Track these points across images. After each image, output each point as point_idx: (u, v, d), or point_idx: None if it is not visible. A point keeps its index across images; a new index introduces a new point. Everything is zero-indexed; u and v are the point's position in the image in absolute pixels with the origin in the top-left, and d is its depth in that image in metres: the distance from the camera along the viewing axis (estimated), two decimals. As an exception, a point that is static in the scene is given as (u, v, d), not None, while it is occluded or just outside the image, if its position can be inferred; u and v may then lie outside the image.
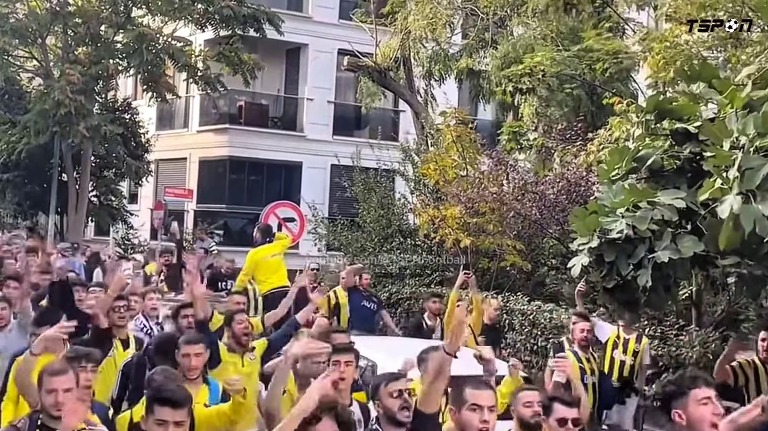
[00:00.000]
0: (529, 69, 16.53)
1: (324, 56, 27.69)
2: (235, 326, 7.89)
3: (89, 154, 24.53)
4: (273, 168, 27.75)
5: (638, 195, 6.95)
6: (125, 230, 27.38)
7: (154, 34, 22.61)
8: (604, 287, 7.20)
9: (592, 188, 14.54)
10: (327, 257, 20.91)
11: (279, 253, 12.71)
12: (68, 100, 21.03)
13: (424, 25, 20.25)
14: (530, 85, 16.51)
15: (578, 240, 7.18)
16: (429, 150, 18.68)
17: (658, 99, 7.64)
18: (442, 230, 15.66)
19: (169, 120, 29.97)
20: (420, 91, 23.37)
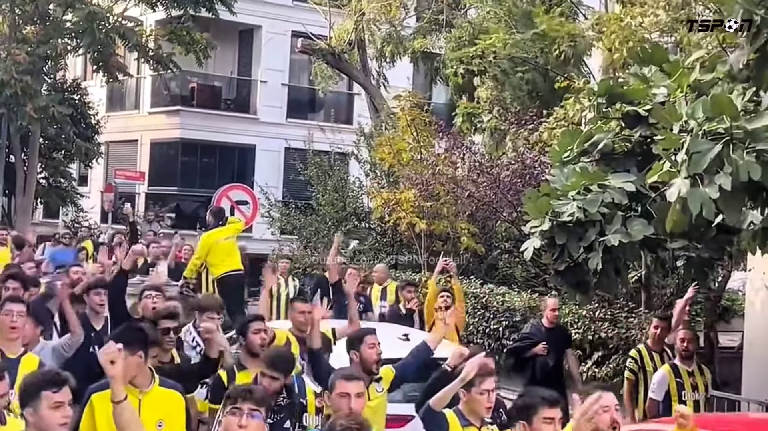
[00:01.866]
0: (481, 51, 16.55)
1: (278, 38, 27.45)
2: (366, 349, 6.51)
3: (37, 135, 24.12)
4: (226, 151, 27.52)
5: (589, 178, 6.99)
6: (75, 212, 26.98)
7: (104, 13, 22.25)
8: (555, 270, 7.25)
9: (546, 171, 14.63)
10: (281, 241, 20.83)
11: (232, 236, 12.61)
12: (14, 80, 20.67)
13: (378, 7, 20.19)
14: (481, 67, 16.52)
15: (531, 223, 7.21)
16: (383, 133, 18.65)
17: (609, 83, 7.69)
18: (396, 214, 15.67)
19: (119, 101, 29.54)
20: (374, 73, 23.30)
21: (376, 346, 6.46)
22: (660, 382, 8.11)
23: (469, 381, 5.59)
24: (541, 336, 10.01)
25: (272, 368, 6.02)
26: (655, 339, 8.77)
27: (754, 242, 6.62)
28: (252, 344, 6.73)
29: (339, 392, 5.37)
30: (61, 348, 7.26)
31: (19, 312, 6.36)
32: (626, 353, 11.42)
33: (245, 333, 6.79)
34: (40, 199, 26.29)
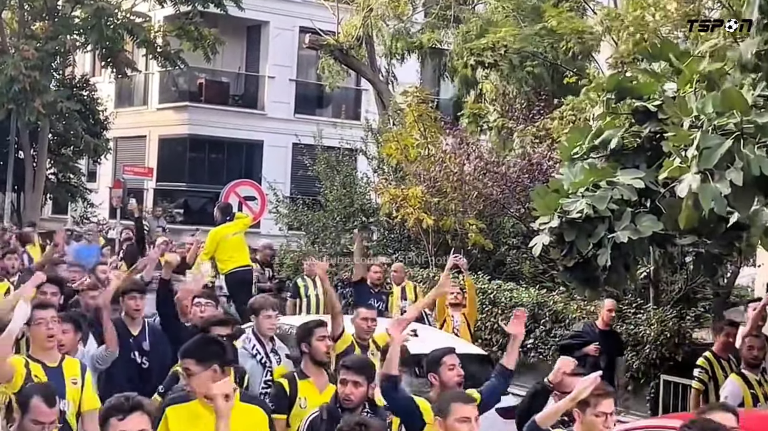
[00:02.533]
0: (492, 44, 16.49)
1: (285, 34, 27.46)
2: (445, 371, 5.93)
3: (46, 131, 24.17)
4: (234, 147, 27.54)
5: (598, 175, 6.99)
6: (84, 208, 27.05)
7: (112, 9, 22.27)
8: (564, 266, 7.24)
9: (555, 167, 14.61)
10: (288, 237, 20.83)
11: (240, 232, 12.61)
12: (22, 76, 20.70)
13: (386, 3, 20.16)
14: (492, 59, 16.46)
15: (539, 220, 7.21)
16: (391, 129, 18.62)
17: (618, 78, 7.68)
18: (404, 210, 15.65)
19: (128, 97, 29.59)
20: (382, 69, 23.28)
21: (456, 367, 5.93)
22: (734, 393, 7.55)
23: (583, 401, 5.15)
24: (594, 337, 9.68)
25: (358, 372, 5.45)
26: (725, 346, 8.46)
27: (767, 238, 6.59)
28: (317, 352, 6.24)
29: (459, 417, 4.96)
30: (95, 361, 7.00)
31: (52, 318, 6.00)
32: (635, 349, 11.44)
33: (309, 341, 6.25)
34: (48, 195, 26.35)
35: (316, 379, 6.15)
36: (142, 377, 7.36)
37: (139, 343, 7.56)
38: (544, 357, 12.57)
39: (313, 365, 6.21)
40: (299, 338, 6.40)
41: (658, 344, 11.34)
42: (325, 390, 6.02)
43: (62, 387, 5.64)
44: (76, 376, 5.90)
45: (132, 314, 7.70)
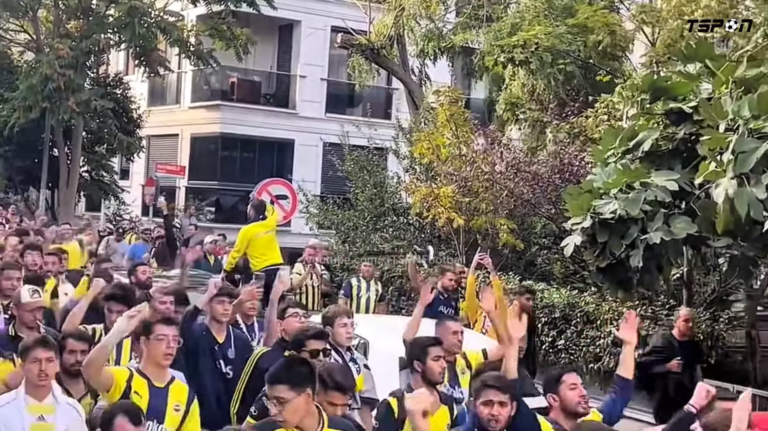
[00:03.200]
0: (523, 41, 16.41)
1: (317, 33, 27.54)
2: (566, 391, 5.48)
3: (80, 129, 24.41)
4: (265, 145, 27.66)
5: (631, 176, 6.97)
6: (117, 205, 27.30)
7: (146, 7, 22.45)
8: (597, 267, 7.22)
9: (586, 167, 14.55)
10: (319, 236, 20.89)
11: (271, 230, 12.66)
12: (56, 74, 20.89)
13: (418, 2, 20.15)
14: (523, 57, 16.37)
15: (572, 220, 7.20)
16: (422, 129, 18.62)
17: (652, 78, 7.65)
18: (435, 209, 15.64)
19: (160, 96, 29.81)
20: (413, 69, 23.28)
21: (579, 386, 5.48)
22: None
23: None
24: (673, 349, 9.10)
25: (504, 391, 5.00)
26: None
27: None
28: (432, 372, 5.83)
29: None
30: None
31: (174, 337, 5.49)
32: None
33: (423, 360, 5.82)
34: (82, 192, 26.62)
35: None
36: (228, 389, 6.75)
37: (225, 351, 7.02)
38: (575, 358, 12.52)
39: (425, 385, 5.71)
40: (412, 355, 5.96)
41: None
42: (438, 412, 5.57)
43: (163, 410, 5.31)
44: (181, 402, 5.43)
45: (220, 319, 7.11)
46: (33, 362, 5.24)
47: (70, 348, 5.97)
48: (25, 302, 6.64)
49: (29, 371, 5.26)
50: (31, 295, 6.69)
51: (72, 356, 5.95)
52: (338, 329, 6.72)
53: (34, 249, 9.77)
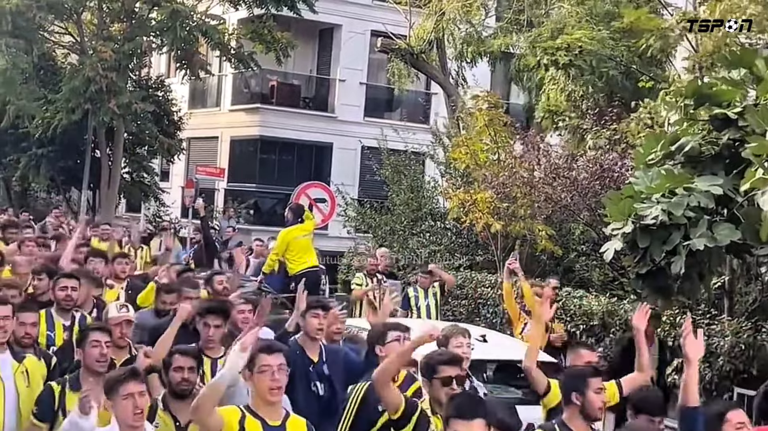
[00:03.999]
0: (567, 44, 16.29)
1: (357, 37, 27.59)
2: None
3: (122, 131, 24.64)
4: (304, 149, 27.76)
5: (674, 181, 6.88)
6: (157, 207, 27.54)
7: (188, 11, 22.62)
8: (637, 273, 7.14)
9: (626, 174, 14.42)
10: (356, 240, 20.93)
11: (309, 233, 12.72)
12: (99, 76, 21.10)
13: (459, 7, 20.12)
14: (567, 59, 16.22)
15: (612, 225, 7.12)
16: (460, 133, 18.59)
17: (697, 84, 7.55)
18: (473, 214, 15.60)
19: (201, 98, 30.06)
20: (452, 73, 23.24)
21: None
22: None
23: None
24: None
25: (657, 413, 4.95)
26: None
27: None
28: (592, 406, 5.33)
29: None
30: None
31: (280, 367, 4.81)
32: (708, 360, 11.20)
33: (583, 391, 5.32)
34: (123, 193, 26.87)
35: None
36: (321, 409, 6.26)
37: (320, 370, 6.45)
38: (614, 365, 12.39)
39: (582, 420, 5.29)
40: (570, 386, 5.42)
41: (732, 356, 11.09)
42: None
43: None
44: None
45: (314, 335, 6.50)
46: (125, 398, 4.69)
47: (176, 365, 5.46)
48: (112, 317, 6.36)
49: (123, 409, 4.68)
50: (119, 310, 6.46)
51: (179, 373, 5.46)
52: (454, 350, 5.99)
53: (96, 256, 9.36)
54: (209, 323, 6.46)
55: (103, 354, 5.58)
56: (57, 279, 7.47)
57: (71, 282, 7.44)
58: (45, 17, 22.60)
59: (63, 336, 7.16)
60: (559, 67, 16.27)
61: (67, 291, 7.34)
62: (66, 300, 7.33)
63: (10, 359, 5.85)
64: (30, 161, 25.08)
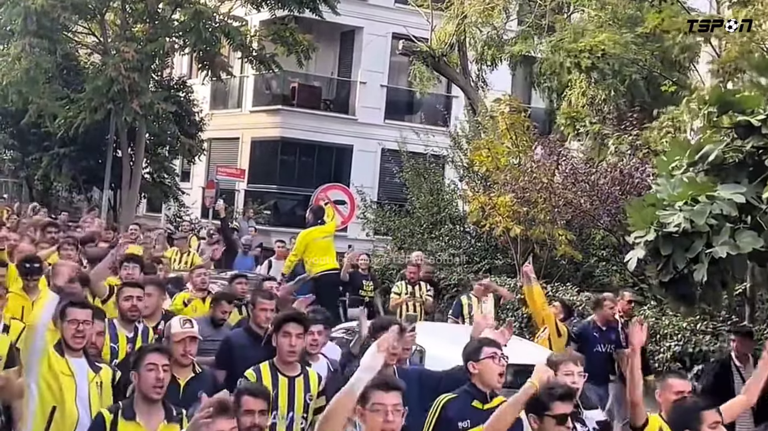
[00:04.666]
0: (590, 47, 16.20)
1: (378, 40, 27.63)
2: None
3: (143, 131, 24.79)
4: (324, 151, 27.82)
5: (697, 189, 6.85)
6: (177, 207, 27.67)
7: (210, 12, 22.73)
8: (659, 281, 7.12)
9: (647, 180, 14.37)
10: (374, 242, 20.96)
11: (329, 235, 12.76)
12: (122, 77, 21.23)
13: (480, 10, 20.11)
14: (590, 62, 16.12)
15: (634, 233, 7.10)
16: (481, 137, 18.58)
17: (721, 91, 7.53)
18: (492, 218, 15.59)
19: (222, 100, 30.19)
20: (473, 76, 23.23)
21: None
22: None
23: None
24: None
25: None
26: None
27: None
28: None
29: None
30: None
31: (395, 407, 4.43)
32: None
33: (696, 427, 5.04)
34: (143, 193, 27.01)
35: None
36: None
37: None
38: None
39: None
40: (682, 422, 5.17)
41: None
42: None
43: None
44: None
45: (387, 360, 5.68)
46: None
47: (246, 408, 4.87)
48: (175, 333, 5.90)
49: None
50: (182, 325, 5.96)
51: (249, 417, 4.83)
52: (562, 378, 5.43)
53: (131, 261, 8.58)
54: (290, 332, 5.88)
55: (160, 379, 4.99)
56: (121, 288, 7.11)
57: (136, 291, 7.03)
58: (69, 17, 22.75)
59: (126, 348, 6.79)
60: (581, 69, 16.18)
61: (132, 301, 6.94)
62: (131, 311, 6.93)
63: (86, 366, 5.61)
64: (52, 160, 25.28)
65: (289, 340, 5.82)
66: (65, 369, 5.50)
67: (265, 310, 7.08)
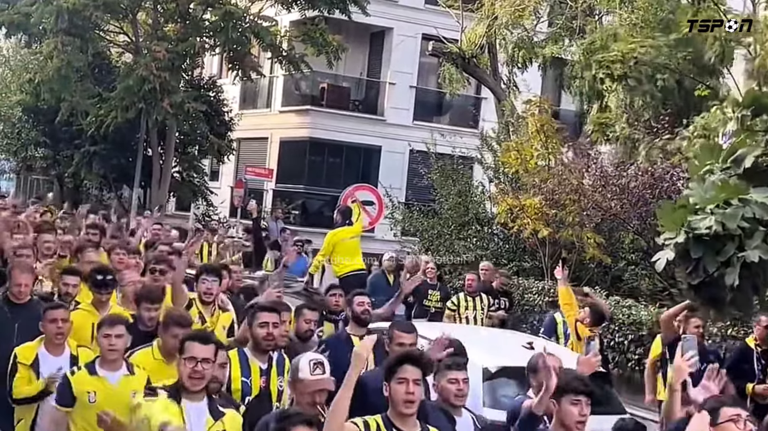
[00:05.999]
0: (621, 55, 16.07)
1: (408, 41, 27.63)
2: None
3: (174, 130, 24.95)
4: (352, 151, 27.84)
5: (729, 192, 6.77)
6: (206, 206, 27.81)
7: (240, 12, 22.84)
8: (689, 284, 7.03)
9: (677, 184, 14.23)
10: (402, 243, 20.92)
11: (356, 236, 12.76)
12: (153, 76, 21.37)
13: (511, 12, 20.02)
14: (621, 71, 15.98)
15: (664, 235, 7.01)
16: (510, 138, 18.50)
17: (755, 94, 7.43)
18: (521, 220, 15.52)
19: (252, 100, 30.31)
20: (503, 78, 23.15)
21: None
22: None
23: None
24: None
25: None
26: None
27: None
28: None
29: None
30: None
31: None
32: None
33: None
34: (173, 192, 27.17)
35: None
36: None
37: None
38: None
39: None
40: None
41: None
42: None
43: None
44: None
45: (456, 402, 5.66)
46: None
47: None
48: (305, 381, 5.01)
49: None
50: (312, 369, 5.00)
51: None
52: None
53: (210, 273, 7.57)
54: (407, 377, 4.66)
55: None
56: (255, 313, 6.10)
57: (272, 317, 6.06)
58: (101, 16, 22.96)
59: (260, 382, 5.94)
60: (614, 79, 16.03)
61: (268, 328, 5.98)
62: (267, 339, 5.97)
63: (207, 411, 4.82)
64: (83, 158, 25.51)
65: (406, 386, 4.61)
66: (177, 416, 4.66)
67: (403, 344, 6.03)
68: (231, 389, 5.74)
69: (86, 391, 5.60)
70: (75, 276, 7.50)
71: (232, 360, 5.83)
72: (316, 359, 5.10)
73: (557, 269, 10.73)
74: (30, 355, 6.24)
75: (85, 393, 5.60)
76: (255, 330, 6.00)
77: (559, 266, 10.62)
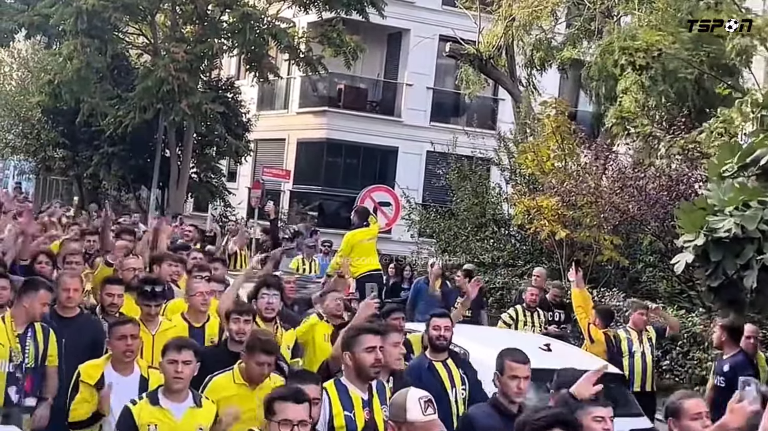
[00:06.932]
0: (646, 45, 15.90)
1: (425, 42, 27.61)
2: None
3: (192, 131, 25.04)
4: (369, 152, 27.86)
5: (749, 194, 6.75)
6: (223, 207, 27.89)
7: (258, 14, 22.90)
8: (708, 286, 7.01)
9: (694, 186, 14.17)
10: (419, 244, 20.93)
11: (373, 237, 12.77)
12: (171, 77, 21.46)
13: (529, 13, 19.97)
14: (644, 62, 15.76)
15: (683, 237, 7.01)
16: (527, 140, 18.46)
17: (774, 94, 7.39)
18: (538, 221, 15.49)
19: (269, 101, 30.38)
20: (521, 80, 23.10)
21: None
22: None
23: None
24: None
25: None
26: None
27: None
28: None
29: None
30: None
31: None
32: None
33: None
34: (191, 193, 27.27)
35: None
36: None
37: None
38: (681, 379, 12.18)
39: None
40: None
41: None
42: None
43: None
44: None
45: None
46: None
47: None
48: (415, 423, 4.30)
49: None
50: (425, 409, 4.32)
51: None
52: None
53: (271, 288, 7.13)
54: None
55: None
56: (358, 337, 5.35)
57: (378, 341, 5.36)
58: (120, 18, 23.06)
59: (363, 415, 5.26)
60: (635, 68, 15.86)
61: (376, 354, 5.29)
62: (374, 366, 5.29)
63: None
64: (102, 158, 25.64)
65: None
66: None
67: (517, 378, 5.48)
68: (334, 426, 5.16)
69: (146, 424, 5.04)
70: (119, 286, 6.99)
71: (330, 393, 5.21)
72: (425, 397, 4.39)
73: (571, 272, 10.72)
74: (95, 374, 5.66)
75: (146, 427, 5.03)
76: (359, 356, 5.26)
77: (573, 269, 10.59)
